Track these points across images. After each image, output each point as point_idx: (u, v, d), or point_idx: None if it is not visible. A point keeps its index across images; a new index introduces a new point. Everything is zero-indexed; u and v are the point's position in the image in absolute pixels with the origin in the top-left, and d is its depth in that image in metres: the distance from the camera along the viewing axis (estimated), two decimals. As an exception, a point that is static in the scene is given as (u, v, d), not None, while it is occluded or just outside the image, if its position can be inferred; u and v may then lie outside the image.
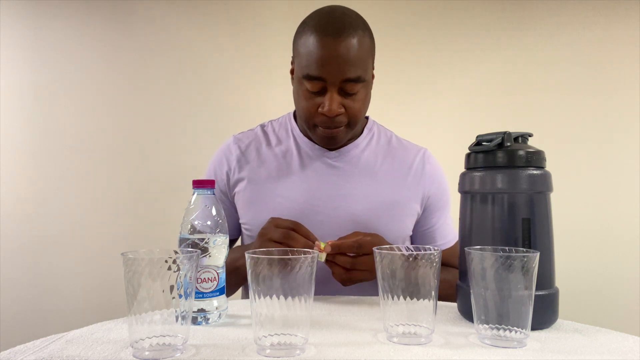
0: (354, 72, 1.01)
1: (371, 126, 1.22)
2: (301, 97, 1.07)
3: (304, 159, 1.15)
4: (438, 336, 0.70)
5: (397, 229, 1.13)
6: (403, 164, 1.18)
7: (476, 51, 2.23)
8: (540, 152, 0.78)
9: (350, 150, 1.16)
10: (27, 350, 0.62)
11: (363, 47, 1.03)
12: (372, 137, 1.20)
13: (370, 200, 1.11)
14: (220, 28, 2.21)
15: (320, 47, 1.00)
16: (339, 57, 0.99)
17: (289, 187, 1.12)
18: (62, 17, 2.13)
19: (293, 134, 1.18)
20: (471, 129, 0.99)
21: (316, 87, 1.03)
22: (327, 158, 1.14)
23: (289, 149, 1.16)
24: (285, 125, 1.21)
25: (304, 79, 1.04)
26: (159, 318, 0.60)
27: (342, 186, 1.12)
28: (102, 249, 2.11)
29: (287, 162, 1.15)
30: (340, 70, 1.00)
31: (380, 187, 1.13)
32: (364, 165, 1.15)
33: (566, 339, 0.70)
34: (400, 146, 1.21)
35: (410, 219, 1.16)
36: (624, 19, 2.21)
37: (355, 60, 1.01)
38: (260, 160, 1.16)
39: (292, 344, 0.61)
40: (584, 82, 2.23)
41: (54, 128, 2.13)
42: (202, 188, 0.78)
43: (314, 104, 1.05)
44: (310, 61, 1.01)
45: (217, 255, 0.77)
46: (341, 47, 0.99)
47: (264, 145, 1.18)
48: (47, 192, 2.11)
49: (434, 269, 0.66)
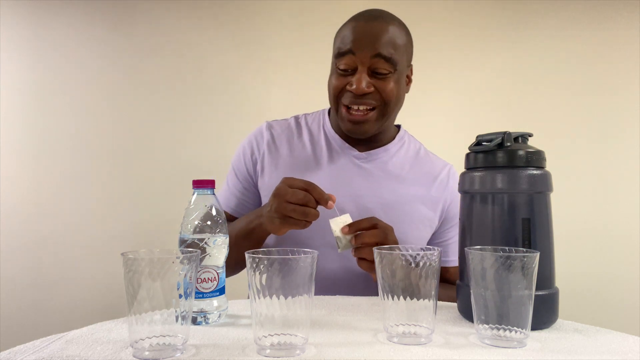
0: (385, 49, 1.01)
1: (402, 135, 1.22)
2: (332, 77, 1.08)
3: (332, 155, 1.15)
4: (438, 336, 0.70)
5: (414, 237, 1.12)
6: (428, 175, 1.17)
7: (476, 51, 2.23)
8: (540, 152, 0.78)
9: (380, 154, 1.15)
10: (27, 350, 0.62)
11: (397, 35, 1.04)
12: (402, 146, 1.20)
13: (392, 205, 1.11)
14: (221, 28, 2.21)
15: (353, 27, 1.04)
16: (370, 33, 1.01)
17: (313, 179, 1.09)
18: (62, 17, 2.13)
19: (324, 129, 1.18)
20: (471, 129, 0.99)
21: (347, 64, 1.03)
22: (355, 158, 1.14)
23: (319, 143, 1.16)
24: (318, 120, 1.21)
25: (335, 58, 1.06)
26: (159, 318, 0.60)
27: (366, 187, 1.11)
28: (102, 249, 2.11)
29: (315, 155, 1.15)
30: (371, 45, 1.00)
31: (403, 194, 1.13)
32: (391, 170, 1.15)
33: (566, 339, 0.70)
34: (428, 158, 1.21)
35: (427, 230, 1.15)
36: (624, 19, 2.21)
37: (387, 41, 1.02)
38: (290, 150, 1.16)
39: (292, 344, 0.61)
40: (584, 82, 2.23)
41: (54, 128, 2.13)
42: (202, 188, 0.78)
43: (343, 82, 1.05)
44: (344, 40, 1.04)
45: (217, 255, 0.77)
46: (374, 25, 1.02)
47: (295, 136, 1.18)
48: (47, 192, 2.11)
49: (433, 269, 0.66)
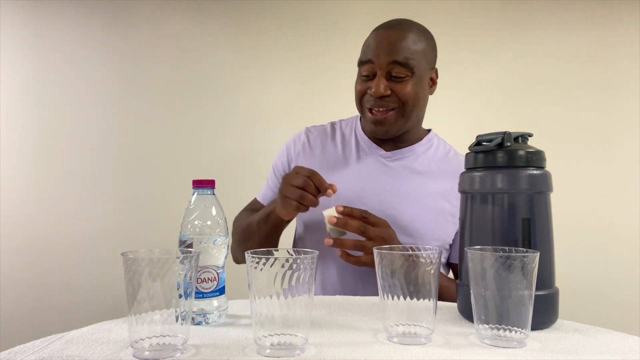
0: (401, 55, 1.08)
1: (432, 137, 1.25)
2: (357, 83, 1.17)
3: (360, 154, 1.21)
4: (438, 336, 0.69)
5: (439, 235, 1.15)
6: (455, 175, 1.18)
7: (476, 51, 2.23)
8: (540, 152, 0.78)
9: (405, 153, 1.20)
10: (27, 350, 0.62)
11: (414, 41, 1.10)
12: (430, 147, 1.23)
13: (417, 203, 1.14)
14: (220, 30, 2.21)
15: (374, 37, 1.13)
16: (387, 41, 1.10)
17: (341, 177, 1.16)
18: (62, 18, 2.13)
19: (355, 132, 1.26)
20: (471, 129, 0.99)
21: (367, 70, 1.12)
22: (381, 157, 1.20)
23: (349, 144, 1.24)
24: (351, 124, 1.29)
25: (358, 66, 1.15)
26: (159, 318, 0.60)
27: (390, 185, 1.16)
28: (102, 249, 2.11)
29: (345, 155, 1.22)
30: (386, 53, 1.09)
31: (429, 193, 1.15)
32: (417, 170, 1.18)
33: (566, 339, 0.70)
34: (457, 159, 1.22)
35: (452, 228, 1.16)
36: (624, 19, 2.21)
37: (403, 47, 1.09)
38: (323, 151, 1.24)
39: (292, 344, 0.61)
40: (584, 82, 2.23)
41: (54, 128, 2.13)
42: (202, 188, 0.78)
43: (365, 87, 1.13)
44: (366, 50, 1.13)
45: (217, 255, 0.77)
46: (391, 34, 1.11)
47: (329, 138, 1.27)
48: (47, 192, 2.11)
49: (434, 269, 0.66)
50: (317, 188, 0.98)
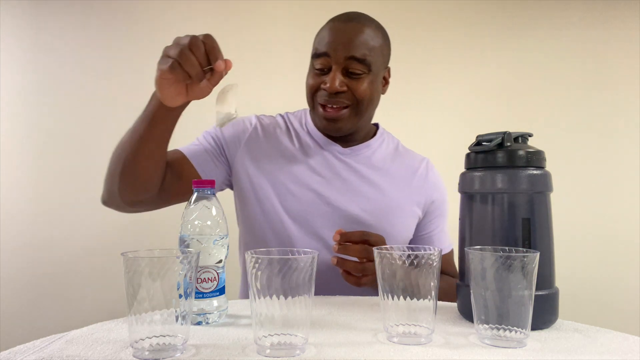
0: (359, 51, 1.04)
1: (382, 132, 1.25)
2: (309, 76, 1.11)
3: (317, 150, 1.16)
4: (438, 336, 0.70)
5: (400, 230, 1.14)
6: (409, 169, 1.20)
7: (476, 51, 2.23)
8: (540, 152, 0.78)
9: (362, 149, 1.18)
10: (27, 350, 0.62)
11: (372, 37, 1.06)
12: (382, 142, 1.22)
13: (379, 200, 1.13)
14: (221, 28, 2.21)
15: (330, 29, 1.07)
16: (345, 35, 1.05)
17: (301, 174, 1.12)
18: (62, 18, 2.13)
19: (307, 127, 1.19)
20: (471, 129, 0.99)
21: (322, 64, 1.06)
22: (339, 154, 1.16)
23: (304, 139, 1.18)
24: (300, 118, 1.22)
25: (312, 59, 1.09)
26: (159, 318, 0.60)
27: (352, 182, 1.13)
28: (102, 249, 2.11)
29: (302, 150, 1.16)
30: (344, 47, 1.04)
31: (388, 188, 1.15)
32: (375, 165, 1.17)
33: (566, 339, 0.70)
34: (406, 153, 1.24)
35: (413, 222, 1.17)
36: (624, 18, 2.21)
37: (362, 43, 1.05)
38: (277, 142, 1.16)
39: (292, 344, 0.61)
40: (584, 82, 2.23)
41: (54, 128, 2.13)
42: (202, 188, 0.78)
43: (319, 81, 1.08)
44: (320, 41, 1.07)
45: (217, 255, 0.77)
46: (349, 28, 1.05)
47: (282, 131, 1.19)
48: (47, 192, 2.11)
49: (433, 269, 0.66)
50: (207, 55, 0.81)
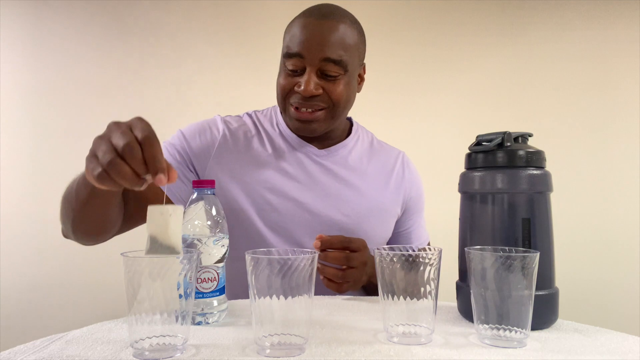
0: (335, 52, 0.98)
1: (357, 128, 1.20)
2: (280, 77, 1.04)
3: (291, 152, 1.09)
4: (438, 336, 0.70)
5: (380, 231, 1.13)
6: (386, 167, 1.17)
7: (476, 51, 2.23)
8: (540, 152, 0.78)
9: (338, 150, 1.13)
10: (27, 350, 0.62)
11: (348, 35, 1.00)
12: (357, 139, 1.18)
13: (358, 203, 1.09)
14: (220, 29, 2.21)
15: (303, 26, 0.99)
16: (319, 35, 0.98)
17: (276, 180, 1.05)
18: (62, 18, 2.13)
19: (279, 128, 1.12)
20: (471, 129, 0.99)
21: (295, 65, 0.99)
22: (315, 156, 1.10)
23: (276, 140, 1.10)
24: (270, 118, 1.15)
25: (284, 58, 1.02)
26: (159, 318, 0.60)
27: (331, 186, 1.08)
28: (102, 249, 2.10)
29: (275, 153, 1.08)
30: (319, 48, 0.97)
31: (367, 190, 1.11)
32: (352, 166, 1.13)
33: (566, 339, 0.70)
34: (381, 148, 1.20)
35: (392, 221, 1.16)
36: (624, 18, 2.21)
37: (337, 43, 0.98)
38: (248, 146, 1.08)
39: (292, 344, 0.61)
40: (584, 82, 2.23)
41: (54, 128, 2.13)
42: (202, 188, 0.78)
43: (291, 82, 1.01)
44: (293, 39, 1.00)
45: (217, 255, 0.77)
46: (323, 26, 0.98)
47: (252, 133, 1.11)
48: (47, 193, 2.11)
49: (434, 269, 0.66)
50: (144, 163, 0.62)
